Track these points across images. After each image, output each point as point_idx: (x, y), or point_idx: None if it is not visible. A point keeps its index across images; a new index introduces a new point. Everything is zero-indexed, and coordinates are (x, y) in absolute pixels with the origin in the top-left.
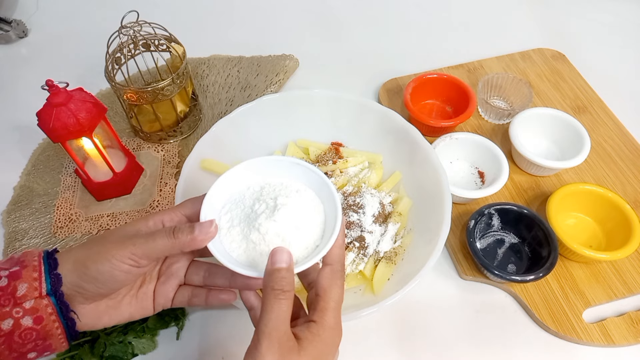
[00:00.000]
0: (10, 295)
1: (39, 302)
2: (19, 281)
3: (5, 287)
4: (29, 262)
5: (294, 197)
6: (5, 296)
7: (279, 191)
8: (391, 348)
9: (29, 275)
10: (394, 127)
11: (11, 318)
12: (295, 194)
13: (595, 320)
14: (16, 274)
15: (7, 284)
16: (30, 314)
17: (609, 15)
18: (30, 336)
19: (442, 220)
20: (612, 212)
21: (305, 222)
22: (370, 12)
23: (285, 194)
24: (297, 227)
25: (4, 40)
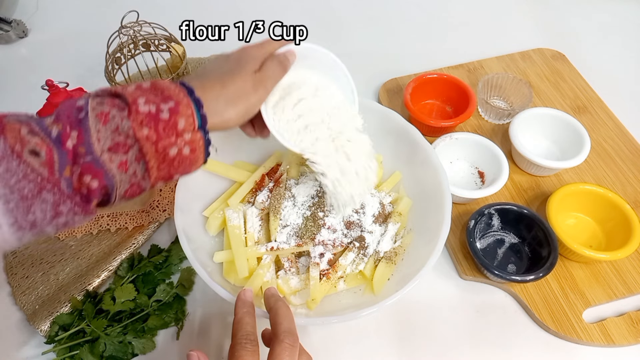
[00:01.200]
0: (173, 128)
1: (195, 135)
2: (178, 116)
3: (168, 120)
4: (177, 97)
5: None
6: (169, 128)
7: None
8: (391, 348)
9: (185, 112)
10: (394, 127)
11: (176, 146)
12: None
13: (595, 320)
14: (175, 109)
15: (169, 117)
16: (189, 144)
17: (609, 15)
18: (185, 162)
19: (442, 220)
20: (612, 212)
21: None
22: (370, 12)
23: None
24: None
25: (4, 40)
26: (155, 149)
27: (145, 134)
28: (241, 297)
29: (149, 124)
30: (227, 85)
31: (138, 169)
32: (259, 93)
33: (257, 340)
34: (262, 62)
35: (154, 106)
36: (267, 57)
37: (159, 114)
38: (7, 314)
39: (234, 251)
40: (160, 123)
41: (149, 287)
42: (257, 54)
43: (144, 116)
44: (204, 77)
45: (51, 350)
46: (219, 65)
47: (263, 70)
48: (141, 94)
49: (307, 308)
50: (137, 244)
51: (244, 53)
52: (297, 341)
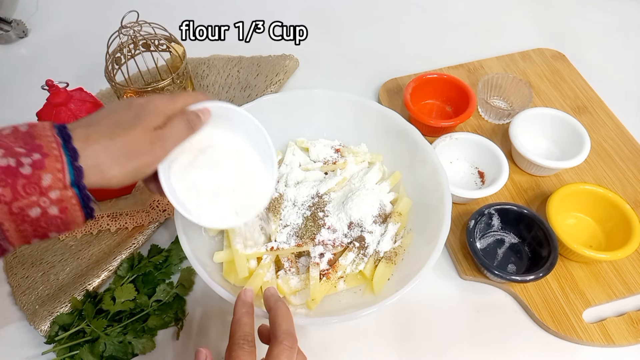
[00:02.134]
0: (36, 184)
1: (64, 193)
2: (43, 171)
3: (30, 175)
4: (47, 149)
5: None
6: (31, 185)
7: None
8: (391, 348)
9: (53, 166)
10: (394, 127)
11: (39, 207)
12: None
13: (595, 320)
14: (39, 163)
15: (32, 172)
16: (56, 204)
17: (609, 15)
18: (55, 222)
19: (442, 220)
20: (612, 212)
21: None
22: (370, 12)
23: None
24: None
25: (4, 40)
26: (9, 211)
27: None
28: (241, 297)
29: (3, 181)
30: (117, 138)
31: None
32: (155, 153)
33: (255, 341)
34: (168, 118)
35: (13, 159)
36: (176, 113)
37: (18, 169)
38: (7, 314)
39: (233, 251)
40: (20, 179)
41: (149, 287)
42: (163, 108)
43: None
44: (93, 125)
45: (51, 350)
46: (117, 112)
47: (166, 128)
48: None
49: (307, 308)
50: (137, 244)
51: (149, 104)
52: (296, 343)
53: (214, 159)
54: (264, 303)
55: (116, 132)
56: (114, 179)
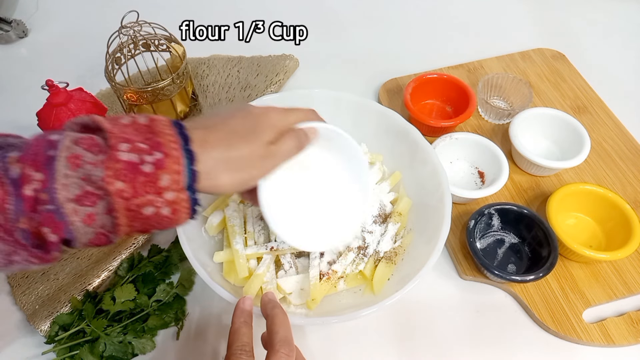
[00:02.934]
0: (154, 184)
1: (179, 196)
2: (162, 171)
3: (150, 174)
4: (168, 149)
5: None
6: (150, 184)
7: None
8: (391, 348)
9: (172, 168)
10: (394, 127)
11: (153, 207)
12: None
13: (595, 320)
14: (160, 163)
15: (152, 171)
16: (169, 205)
17: (609, 15)
18: (163, 222)
19: (442, 220)
20: (612, 212)
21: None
22: (370, 12)
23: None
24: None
25: (4, 40)
26: (126, 207)
27: (119, 188)
28: (240, 305)
29: (125, 177)
30: (233, 147)
31: (106, 222)
32: (264, 167)
33: (253, 351)
34: (281, 133)
35: (136, 156)
36: (286, 129)
37: (140, 166)
38: (7, 314)
39: (233, 251)
40: (139, 177)
41: (149, 287)
42: (278, 123)
43: (122, 166)
44: (210, 129)
45: (51, 350)
46: (233, 120)
47: (278, 144)
48: (127, 136)
49: (307, 308)
50: (137, 244)
51: (266, 117)
52: (294, 351)
53: (310, 179)
54: (261, 309)
55: (233, 142)
56: (222, 188)
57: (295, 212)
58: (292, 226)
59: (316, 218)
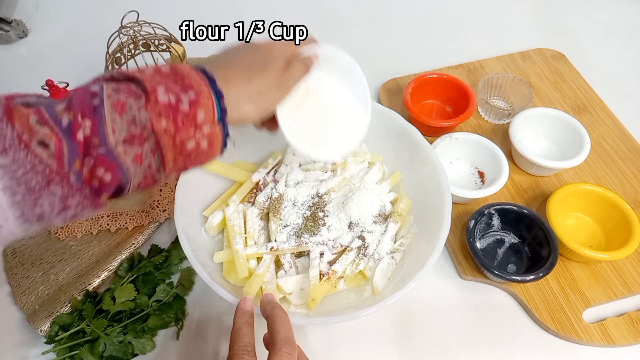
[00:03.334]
0: (192, 120)
1: (214, 129)
2: (198, 108)
3: (188, 112)
4: (199, 88)
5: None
6: (189, 120)
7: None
8: (391, 348)
9: (205, 104)
10: (394, 127)
11: (194, 140)
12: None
13: (595, 320)
14: (195, 100)
15: (189, 109)
16: (207, 138)
17: (609, 15)
18: (201, 155)
19: (442, 220)
20: (612, 212)
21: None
22: (370, 12)
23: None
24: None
25: (4, 40)
26: (173, 143)
27: (164, 127)
28: (241, 306)
29: (167, 116)
30: (252, 81)
31: (153, 161)
32: (281, 92)
33: (255, 351)
34: (288, 62)
35: (173, 96)
36: (292, 57)
37: (178, 105)
38: (7, 314)
39: (233, 251)
40: (179, 115)
41: (149, 287)
42: (284, 53)
43: (163, 107)
44: (229, 68)
45: (51, 350)
46: (245, 57)
47: (289, 71)
48: (160, 80)
49: (307, 308)
50: (137, 244)
51: (272, 49)
52: (295, 350)
53: (318, 98)
54: (260, 311)
55: (251, 76)
56: (248, 117)
57: (310, 129)
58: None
59: (328, 131)
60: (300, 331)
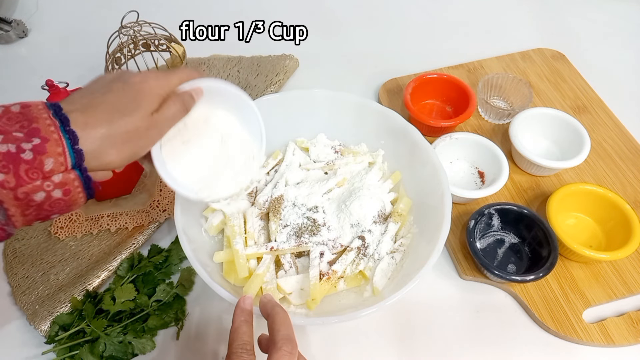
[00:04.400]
0: (38, 169)
1: (66, 176)
2: (44, 156)
3: (32, 160)
4: (46, 133)
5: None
6: (34, 170)
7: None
8: (391, 348)
9: (54, 150)
10: (394, 127)
11: (43, 191)
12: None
13: (595, 320)
14: (40, 147)
15: (33, 157)
16: (59, 187)
17: (609, 15)
18: (58, 205)
19: (442, 220)
20: (612, 212)
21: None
22: (370, 12)
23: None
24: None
25: (4, 40)
26: (15, 196)
27: (1, 180)
28: (240, 304)
29: (5, 168)
30: (115, 124)
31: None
32: (151, 137)
33: (254, 350)
34: (164, 100)
35: (13, 145)
36: (169, 95)
37: (19, 154)
38: (7, 314)
39: (233, 251)
40: (22, 165)
41: (149, 287)
42: (158, 90)
43: (1, 157)
44: (90, 108)
45: (51, 350)
46: (111, 94)
47: (162, 111)
48: (1, 127)
49: (307, 308)
50: (137, 244)
51: (145, 86)
52: (296, 348)
53: (203, 134)
54: (260, 311)
55: (114, 119)
56: (112, 163)
57: (195, 168)
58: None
59: (216, 170)
60: (300, 331)
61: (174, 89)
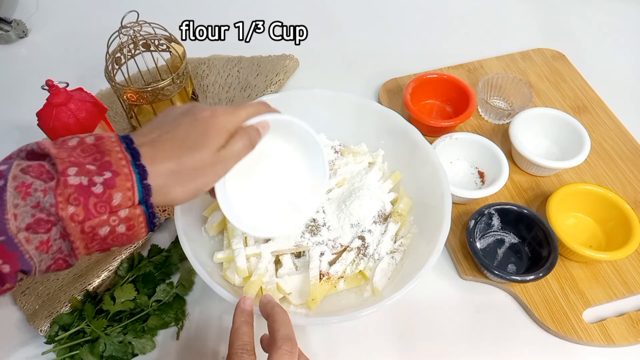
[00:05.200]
0: (106, 203)
1: (132, 212)
2: (114, 190)
3: (101, 194)
4: (118, 167)
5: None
6: (102, 204)
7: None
8: (391, 348)
9: (123, 185)
10: (394, 127)
11: (108, 226)
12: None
13: (595, 320)
14: (111, 181)
15: (103, 191)
16: (124, 222)
17: (609, 15)
18: (121, 239)
19: (442, 220)
20: (612, 212)
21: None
22: (370, 12)
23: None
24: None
25: (4, 40)
26: (81, 230)
27: (70, 213)
28: (240, 305)
29: (76, 200)
30: (183, 160)
31: (63, 246)
32: (217, 173)
33: (254, 350)
34: (231, 135)
35: (85, 178)
36: (237, 130)
37: (90, 188)
38: (7, 314)
39: (233, 251)
40: (91, 198)
41: (149, 287)
42: (227, 125)
43: (73, 190)
44: (160, 142)
45: (51, 350)
46: (181, 127)
47: (229, 147)
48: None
49: (307, 308)
50: (137, 244)
51: (214, 122)
52: (296, 347)
53: (267, 169)
54: (260, 311)
55: (183, 154)
56: (176, 199)
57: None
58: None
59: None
60: (300, 331)
61: (241, 124)
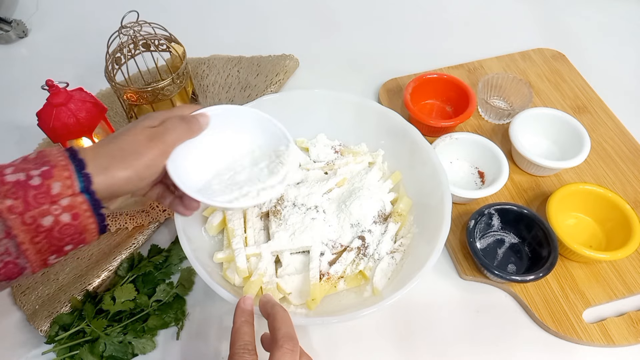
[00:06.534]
0: (46, 194)
1: (74, 199)
2: (52, 180)
3: (39, 186)
4: (55, 161)
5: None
6: (41, 195)
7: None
8: (391, 348)
9: (60, 175)
10: (394, 127)
11: (51, 215)
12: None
13: (595, 320)
14: (47, 173)
15: (41, 183)
16: (67, 210)
17: (609, 15)
18: (68, 231)
19: (442, 220)
20: (612, 212)
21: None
22: (370, 12)
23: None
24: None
25: (4, 40)
26: (22, 221)
27: (8, 205)
28: (240, 305)
29: (14, 194)
30: (115, 140)
31: (10, 245)
32: (156, 147)
33: (256, 350)
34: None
35: (22, 174)
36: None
37: (28, 181)
38: (7, 314)
39: (233, 251)
40: (30, 191)
41: (149, 287)
42: (158, 115)
43: (10, 186)
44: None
45: (51, 350)
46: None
47: (162, 125)
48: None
49: (307, 308)
50: (137, 244)
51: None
52: (297, 345)
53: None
54: (260, 311)
55: (115, 137)
56: (122, 182)
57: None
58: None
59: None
60: (301, 331)
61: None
